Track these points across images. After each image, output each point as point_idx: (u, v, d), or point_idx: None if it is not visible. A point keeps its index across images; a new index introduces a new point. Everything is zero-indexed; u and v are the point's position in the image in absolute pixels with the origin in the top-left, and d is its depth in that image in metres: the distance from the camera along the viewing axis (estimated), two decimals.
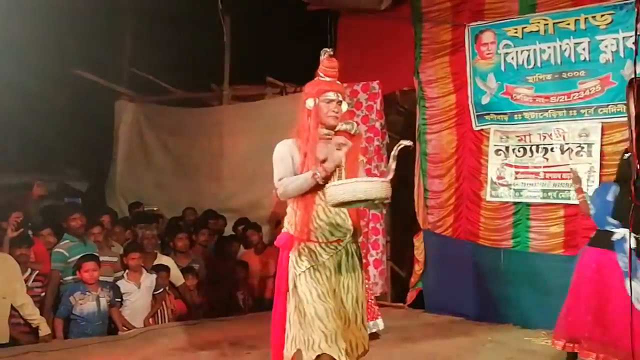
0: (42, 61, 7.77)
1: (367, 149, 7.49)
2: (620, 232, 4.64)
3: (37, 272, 5.76)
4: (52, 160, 9.88)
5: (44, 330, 5.50)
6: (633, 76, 5.66)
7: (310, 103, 3.48)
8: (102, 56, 9.21)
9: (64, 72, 8.79)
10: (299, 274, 3.39)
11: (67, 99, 8.72)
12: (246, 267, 7.25)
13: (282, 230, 3.54)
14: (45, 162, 9.62)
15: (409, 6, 7.43)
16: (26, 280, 5.59)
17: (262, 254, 7.49)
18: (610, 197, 4.76)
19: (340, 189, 3.18)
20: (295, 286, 3.40)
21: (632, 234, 4.45)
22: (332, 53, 3.56)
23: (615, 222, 4.69)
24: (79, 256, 5.81)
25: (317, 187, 3.37)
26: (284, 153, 3.46)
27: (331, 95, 3.48)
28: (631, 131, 2.31)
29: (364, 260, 3.74)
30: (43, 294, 5.79)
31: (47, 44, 7.88)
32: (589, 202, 5.01)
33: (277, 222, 7.33)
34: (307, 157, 3.41)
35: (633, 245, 4.46)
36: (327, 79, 3.53)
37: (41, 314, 5.56)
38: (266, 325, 5.74)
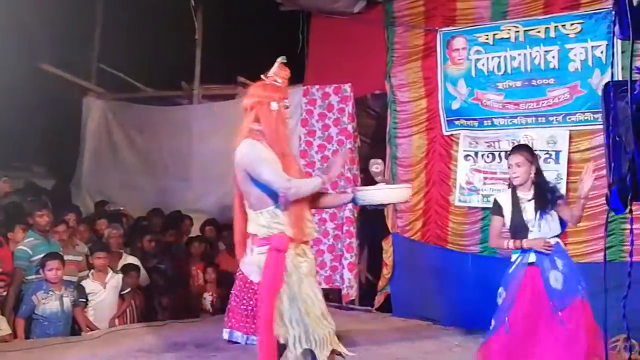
0: (8, 55, 7.60)
1: (339, 151, 7.49)
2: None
3: (0, 270, 5.63)
4: (17, 157, 9.69)
5: (5, 329, 5.39)
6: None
7: (275, 106, 3.55)
8: (70, 51, 9.07)
9: (31, 66, 8.63)
10: (303, 276, 3.46)
11: (33, 94, 8.58)
12: (216, 269, 7.18)
13: (266, 233, 3.46)
14: (10, 158, 9.43)
15: (381, 10, 7.44)
16: None
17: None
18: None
19: (376, 194, 3.66)
20: (298, 287, 3.44)
21: None
22: (285, 61, 3.67)
23: None
24: (42, 255, 5.70)
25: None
26: (269, 153, 3.48)
27: (287, 102, 3.63)
28: (606, 135, 2.31)
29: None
30: (5, 293, 5.67)
31: (14, 37, 7.73)
32: None
33: None
34: (285, 158, 3.51)
35: None
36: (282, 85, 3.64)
37: (2, 314, 5.44)
38: None
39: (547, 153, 6.31)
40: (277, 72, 3.62)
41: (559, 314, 4.32)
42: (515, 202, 4.54)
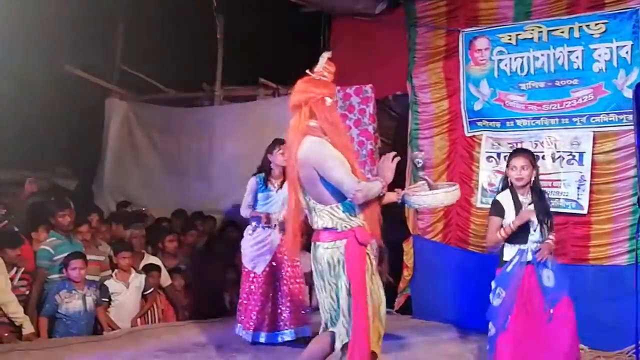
0: (31, 56, 7.70)
1: (360, 152, 7.47)
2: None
3: (22, 269, 5.68)
4: (40, 157, 9.80)
5: (28, 328, 5.44)
6: None
7: (329, 101, 3.58)
8: (93, 53, 9.17)
9: (54, 68, 8.72)
10: (375, 272, 3.56)
11: (56, 95, 8.67)
12: (237, 269, 7.19)
13: (346, 226, 3.46)
14: (32, 159, 9.54)
15: (403, 10, 7.40)
16: (12, 279, 5.52)
17: None
18: None
19: (430, 198, 3.76)
20: (372, 284, 3.52)
21: None
22: (330, 56, 3.71)
23: None
24: (64, 254, 5.75)
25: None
26: (337, 152, 3.47)
27: (335, 98, 3.69)
28: (637, 136, 2.32)
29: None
30: (28, 292, 5.73)
31: (39, 39, 7.83)
32: None
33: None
34: (349, 154, 3.55)
35: None
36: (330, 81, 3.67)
37: (25, 313, 5.49)
38: None
39: (570, 154, 6.23)
40: (325, 67, 3.63)
41: (550, 311, 4.44)
42: (517, 204, 4.62)
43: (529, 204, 4.56)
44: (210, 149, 8.96)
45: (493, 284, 4.74)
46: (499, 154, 6.67)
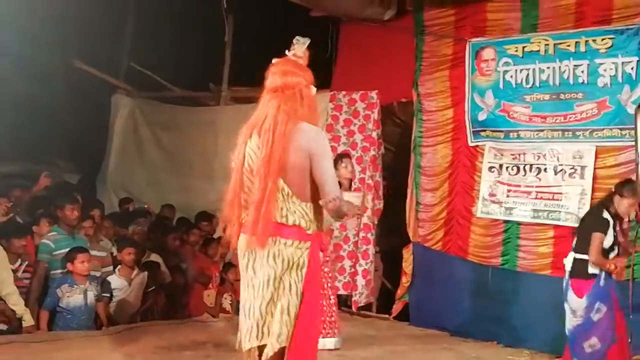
0: (42, 52, 7.76)
1: (363, 158, 7.51)
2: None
3: (26, 262, 5.72)
4: (43, 150, 9.84)
5: (28, 321, 5.46)
6: None
7: (314, 90, 3.30)
8: (101, 48, 9.20)
9: (62, 62, 8.76)
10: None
11: (63, 89, 8.71)
12: (233, 268, 7.23)
13: (313, 229, 3.14)
14: (38, 152, 9.58)
15: (411, 18, 7.46)
16: (16, 270, 5.55)
17: None
18: None
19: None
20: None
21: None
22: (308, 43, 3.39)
23: None
24: (66, 249, 5.77)
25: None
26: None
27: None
28: (637, 154, 2.34)
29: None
30: (29, 284, 5.76)
31: (48, 34, 7.87)
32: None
33: None
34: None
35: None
36: None
37: (26, 305, 5.53)
38: None
39: (572, 168, 6.28)
40: (305, 52, 3.35)
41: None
42: (614, 223, 4.88)
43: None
44: (214, 148, 8.98)
45: (586, 300, 4.81)
46: (501, 165, 6.72)
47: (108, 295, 5.99)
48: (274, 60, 3.40)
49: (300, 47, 3.37)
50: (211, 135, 9.02)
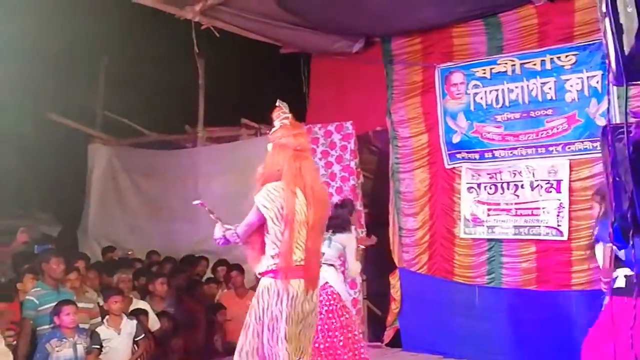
0: (15, 104, 7.76)
1: (342, 188, 7.58)
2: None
3: (10, 320, 5.66)
4: (21, 204, 9.79)
5: None
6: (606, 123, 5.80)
7: None
8: (74, 99, 9.23)
9: (37, 114, 8.77)
10: None
11: (39, 142, 8.71)
12: (223, 310, 7.21)
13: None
14: (16, 206, 9.53)
15: (380, 48, 7.60)
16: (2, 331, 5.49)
17: (245, 297, 7.48)
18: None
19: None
20: None
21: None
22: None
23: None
24: (52, 304, 5.72)
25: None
26: None
27: None
28: (607, 175, 2.35)
29: None
30: (15, 342, 5.69)
31: (20, 87, 7.88)
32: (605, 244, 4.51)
33: None
34: None
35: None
36: None
37: None
38: None
39: (548, 183, 6.38)
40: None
41: None
42: None
43: None
44: (195, 190, 8.98)
45: None
46: (479, 185, 6.82)
47: (98, 346, 5.92)
48: (288, 120, 3.97)
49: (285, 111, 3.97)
50: (190, 177, 9.05)
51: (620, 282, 4.40)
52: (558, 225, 6.21)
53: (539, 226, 6.38)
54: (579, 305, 5.94)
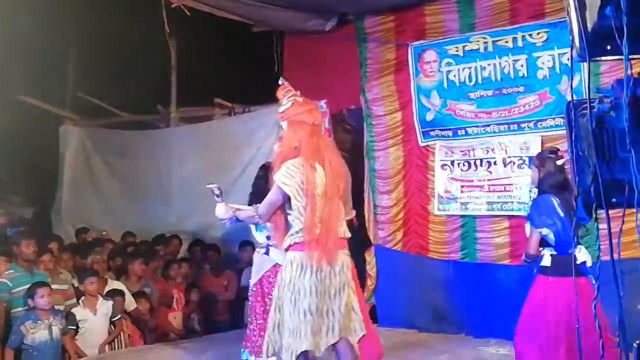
0: None
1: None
2: (584, 253, 4.39)
3: None
4: None
5: None
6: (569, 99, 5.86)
7: None
8: (45, 80, 9.09)
9: (7, 97, 8.63)
10: None
11: (10, 124, 8.57)
12: (198, 289, 7.23)
13: None
14: None
15: (353, 27, 7.58)
16: None
17: (221, 276, 7.51)
18: (561, 214, 4.36)
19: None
20: None
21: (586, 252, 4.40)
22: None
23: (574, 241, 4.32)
24: (26, 286, 5.70)
25: None
26: None
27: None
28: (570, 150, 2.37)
29: None
30: None
31: None
32: (533, 227, 4.49)
33: None
34: None
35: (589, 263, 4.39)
36: None
37: None
38: (221, 346, 5.75)
39: (520, 159, 6.45)
40: None
41: None
42: None
43: None
44: (168, 170, 8.96)
45: None
46: (452, 162, 6.87)
47: (74, 327, 5.92)
48: (298, 96, 4.19)
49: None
50: (164, 157, 9.01)
51: (546, 261, 4.47)
52: (530, 201, 6.28)
53: (512, 202, 6.46)
54: None
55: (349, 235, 4.01)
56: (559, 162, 4.64)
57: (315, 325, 3.77)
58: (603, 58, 1.99)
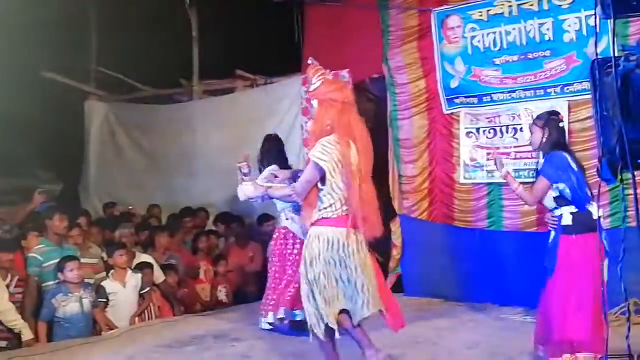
0: (9, 65, 7.68)
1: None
2: (596, 208, 4.30)
3: (17, 277, 5.73)
4: (24, 164, 9.80)
5: (27, 335, 5.49)
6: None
7: None
8: (69, 57, 9.14)
9: (32, 75, 8.71)
10: None
11: (36, 101, 8.66)
12: (225, 261, 7.29)
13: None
14: (17, 165, 9.53)
15: None
16: (8, 286, 5.57)
17: (247, 248, 7.57)
18: (576, 169, 4.36)
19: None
20: None
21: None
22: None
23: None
24: (56, 260, 5.79)
25: None
26: None
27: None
28: (596, 110, 2.31)
29: None
30: (23, 298, 5.77)
31: (14, 48, 7.81)
32: (550, 182, 4.41)
33: None
34: None
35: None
36: None
37: (23, 319, 5.55)
38: (249, 317, 5.81)
39: None
40: None
41: None
42: None
43: None
44: (193, 144, 9.00)
45: None
46: (478, 129, 6.80)
47: (104, 300, 6.01)
48: (327, 75, 4.28)
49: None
50: (188, 131, 9.04)
51: (567, 220, 4.38)
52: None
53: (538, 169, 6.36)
54: None
55: None
56: (561, 125, 4.64)
57: (350, 292, 3.90)
58: (629, 15, 1.92)
